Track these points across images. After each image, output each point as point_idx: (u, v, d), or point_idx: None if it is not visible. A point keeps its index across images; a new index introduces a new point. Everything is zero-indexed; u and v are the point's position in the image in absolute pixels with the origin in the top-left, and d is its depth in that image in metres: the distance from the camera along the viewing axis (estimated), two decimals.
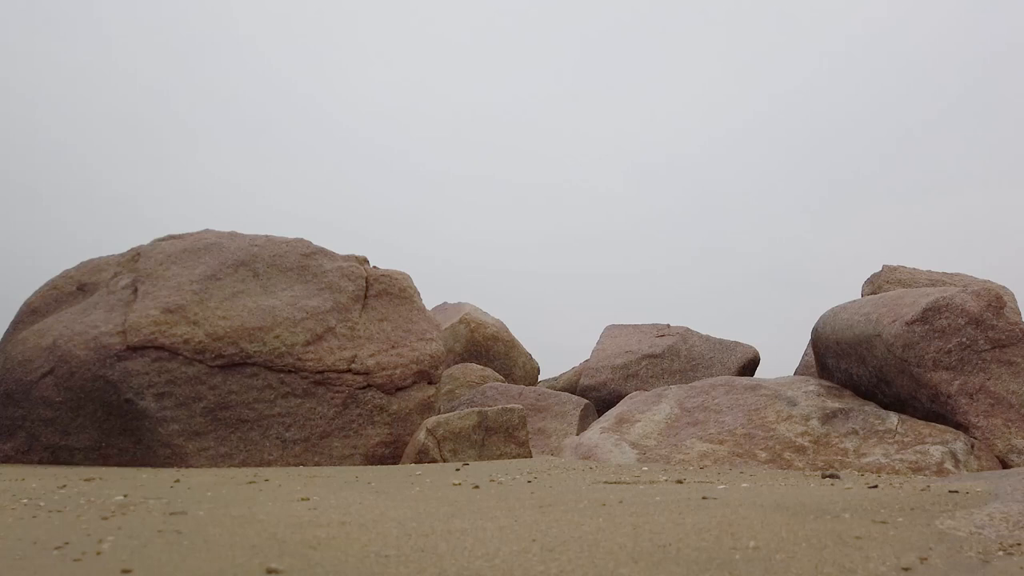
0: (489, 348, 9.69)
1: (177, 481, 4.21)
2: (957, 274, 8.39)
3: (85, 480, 4.30)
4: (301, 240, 6.85)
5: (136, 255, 6.63)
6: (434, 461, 5.57)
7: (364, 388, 6.21)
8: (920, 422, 5.59)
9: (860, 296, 8.20)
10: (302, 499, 3.34)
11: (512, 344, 9.92)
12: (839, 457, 5.36)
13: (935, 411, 5.63)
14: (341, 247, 7.71)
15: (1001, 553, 2.27)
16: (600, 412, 8.15)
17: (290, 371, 6.05)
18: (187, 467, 5.64)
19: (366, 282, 6.68)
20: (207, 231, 6.86)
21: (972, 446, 5.28)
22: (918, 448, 5.27)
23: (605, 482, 4.02)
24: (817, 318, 6.94)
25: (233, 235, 6.78)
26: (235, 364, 5.93)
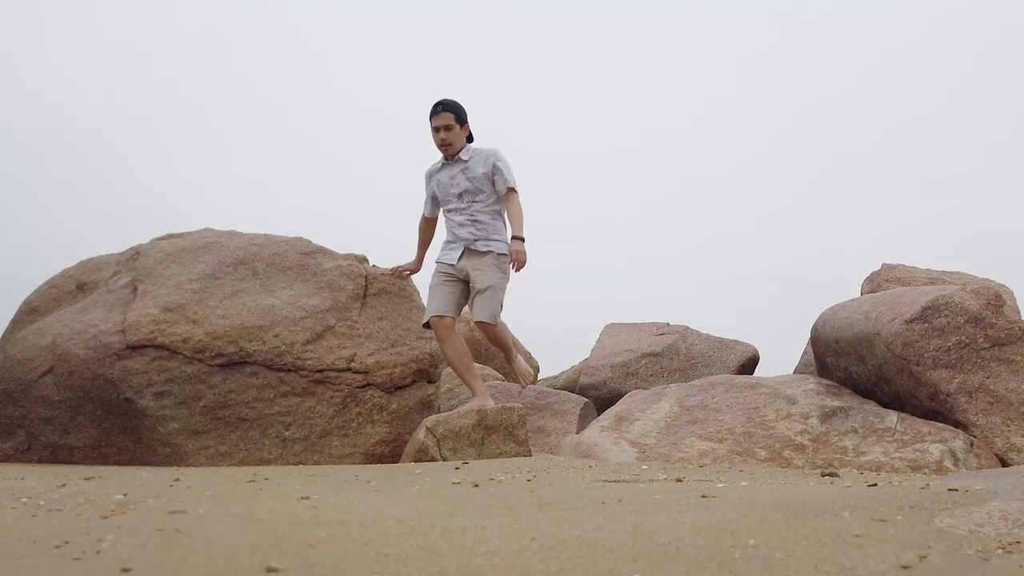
0: (488, 347, 9.67)
1: (177, 480, 4.21)
2: (956, 272, 8.39)
3: (85, 479, 4.29)
4: (301, 239, 6.84)
5: (135, 254, 6.62)
6: (433, 460, 5.57)
7: (364, 387, 6.21)
8: (919, 420, 5.59)
9: (860, 295, 8.20)
10: (302, 498, 3.34)
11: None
12: (838, 455, 5.36)
13: (934, 409, 5.64)
14: (341, 247, 7.69)
15: (1000, 551, 2.27)
16: (600, 411, 8.15)
17: (290, 370, 6.04)
18: (187, 466, 5.64)
19: (365, 281, 6.68)
20: (206, 230, 6.85)
21: (971, 444, 5.28)
22: (917, 446, 5.27)
23: (604, 480, 4.02)
24: (817, 317, 6.94)
25: (232, 234, 6.78)
26: (235, 363, 5.93)
